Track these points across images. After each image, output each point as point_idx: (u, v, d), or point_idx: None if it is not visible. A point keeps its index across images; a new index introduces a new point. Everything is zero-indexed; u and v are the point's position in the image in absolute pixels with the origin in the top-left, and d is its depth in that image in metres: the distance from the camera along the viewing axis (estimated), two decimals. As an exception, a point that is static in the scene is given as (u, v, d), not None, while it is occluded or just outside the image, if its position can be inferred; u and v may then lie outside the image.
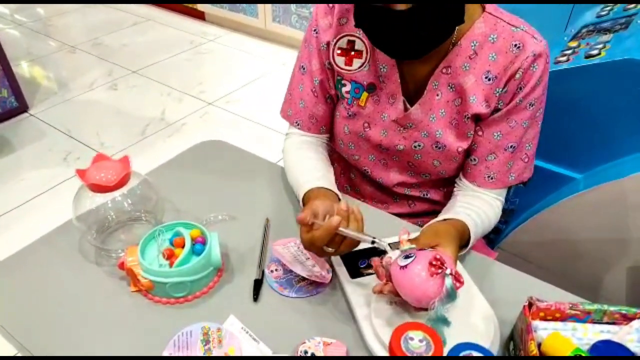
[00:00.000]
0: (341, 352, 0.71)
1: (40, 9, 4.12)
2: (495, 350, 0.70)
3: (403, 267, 0.66)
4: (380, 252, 0.80)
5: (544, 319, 0.68)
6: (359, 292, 0.77)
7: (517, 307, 0.73)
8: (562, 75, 1.14)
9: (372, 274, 0.80)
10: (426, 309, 0.66)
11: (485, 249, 1.17)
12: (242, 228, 0.92)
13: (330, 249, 0.74)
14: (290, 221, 0.94)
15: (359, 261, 0.83)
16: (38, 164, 2.36)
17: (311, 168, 0.93)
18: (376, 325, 0.71)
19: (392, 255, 0.70)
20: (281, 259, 0.80)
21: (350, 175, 1.08)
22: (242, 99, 2.86)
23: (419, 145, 0.92)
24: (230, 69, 3.21)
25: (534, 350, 0.61)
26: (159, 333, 0.73)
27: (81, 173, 0.79)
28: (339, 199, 0.88)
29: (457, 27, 0.81)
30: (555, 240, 1.30)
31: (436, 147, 0.91)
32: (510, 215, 1.35)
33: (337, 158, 1.08)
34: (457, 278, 0.64)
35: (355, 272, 0.81)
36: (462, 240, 0.81)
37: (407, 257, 0.67)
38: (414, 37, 0.74)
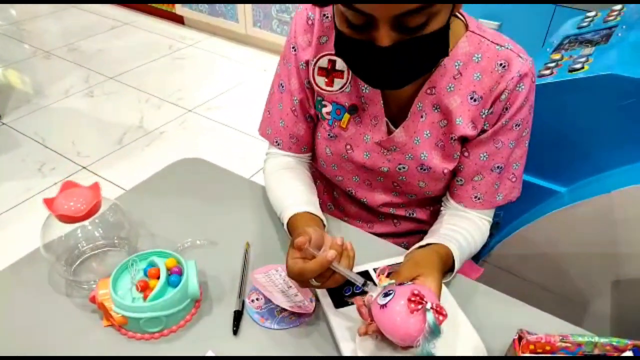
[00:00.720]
0: (325, 389, 0.68)
1: (13, 10, 4.00)
2: (484, 384, 0.67)
3: (383, 306, 0.64)
4: (367, 278, 0.77)
5: (534, 351, 0.65)
6: (344, 325, 0.74)
7: (505, 332, 0.72)
8: (547, 90, 1.13)
9: (356, 303, 0.78)
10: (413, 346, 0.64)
11: (471, 265, 1.16)
12: (222, 253, 0.88)
13: (316, 283, 0.71)
14: (272, 245, 0.90)
15: (344, 289, 0.80)
16: (11, 175, 2.28)
17: (295, 191, 0.90)
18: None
19: (374, 293, 0.68)
20: (261, 289, 0.77)
21: (334, 194, 1.05)
22: (222, 106, 2.82)
23: (404, 168, 0.89)
24: (210, 74, 3.16)
25: (525, 389, 0.59)
26: (133, 371, 0.69)
27: (49, 202, 0.75)
28: (324, 225, 0.85)
29: None
30: (540, 254, 1.29)
31: (421, 169, 0.88)
32: (495, 228, 1.34)
33: (319, 176, 1.05)
34: (439, 311, 0.61)
35: (339, 301, 0.78)
36: (446, 266, 0.78)
37: (386, 294, 0.65)
38: (397, 71, 0.72)
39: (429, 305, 0.61)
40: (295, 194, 0.89)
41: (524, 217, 1.30)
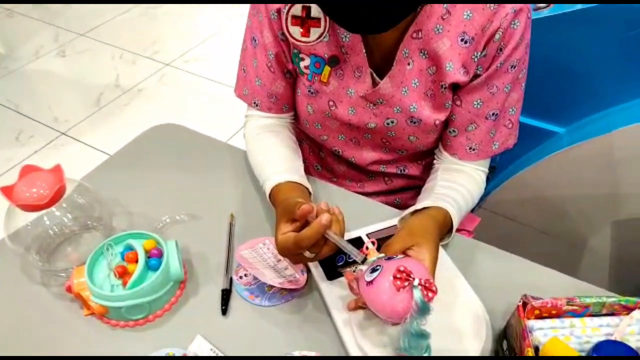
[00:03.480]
0: (322, 366, 0.65)
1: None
2: (487, 351, 0.64)
3: (369, 283, 0.59)
4: (359, 244, 0.73)
5: (540, 316, 0.62)
6: (337, 296, 0.70)
7: (508, 293, 0.69)
8: (543, 24, 1.04)
9: (350, 272, 0.73)
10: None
11: (467, 215, 1.11)
12: (205, 227, 0.83)
13: (311, 254, 0.66)
14: (259, 215, 0.85)
15: (336, 258, 0.75)
16: (-14, 146, 2.19)
17: (277, 157, 0.84)
18: (358, 335, 0.65)
19: (364, 267, 0.63)
20: (248, 267, 0.72)
21: (320, 155, 0.99)
22: (201, 57, 2.68)
23: (392, 122, 0.82)
24: (186, 24, 2.99)
25: None
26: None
27: (7, 191, 0.68)
28: (310, 194, 0.79)
29: None
30: (538, 198, 1.25)
31: (411, 122, 0.82)
32: (491, 172, 1.29)
33: (304, 136, 0.98)
34: (428, 287, 0.57)
35: (332, 272, 0.74)
36: (444, 230, 0.73)
37: (373, 270, 0.60)
38: (378, 12, 0.63)
39: (416, 282, 0.56)
40: (277, 161, 0.83)
41: (521, 160, 1.25)
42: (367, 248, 0.65)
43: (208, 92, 2.45)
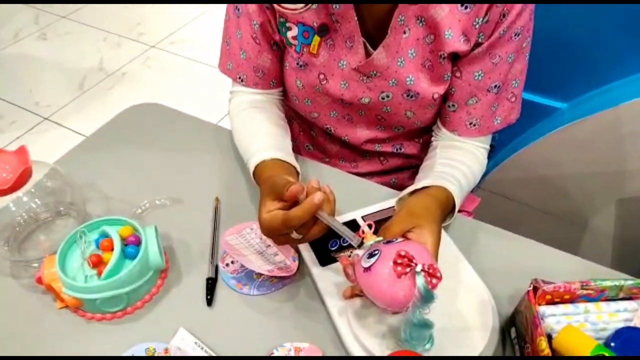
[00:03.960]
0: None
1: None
2: (495, 339, 0.60)
3: (367, 269, 0.54)
4: (354, 227, 0.67)
5: (551, 302, 0.57)
6: (331, 283, 0.65)
7: (515, 277, 0.64)
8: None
9: (345, 258, 0.68)
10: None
11: (467, 196, 1.06)
12: (188, 212, 0.77)
13: (298, 235, 0.61)
14: (245, 199, 0.79)
15: (330, 242, 0.70)
16: (-34, 133, 2.11)
17: (263, 134, 0.78)
18: (354, 325, 0.60)
19: (360, 252, 0.58)
20: (234, 254, 0.66)
21: (312, 134, 0.93)
22: (187, 39, 2.59)
23: (387, 96, 0.77)
24: (171, 4, 2.89)
25: (545, 350, 0.51)
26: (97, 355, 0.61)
27: (-35, 175, 0.62)
28: (298, 173, 0.73)
29: None
30: (539, 177, 1.20)
31: (408, 96, 0.76)
32: (490, 151, 1.24)
33: (294, 114, 0.92)
34: (432, 273, 0.51)
35: (325, 257, 0.68)
36: (446, 211, 0.68)
37: (371, 255, 0.55)
38: None
39: (419, 268, 0.51)
40: (263, 137, 0.77)
41: (521, 138, 1.20)
42: (363, 231, 0.59)
43: (195, 75, 2.37)
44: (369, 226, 0.59)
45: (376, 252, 0.54)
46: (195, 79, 2.34)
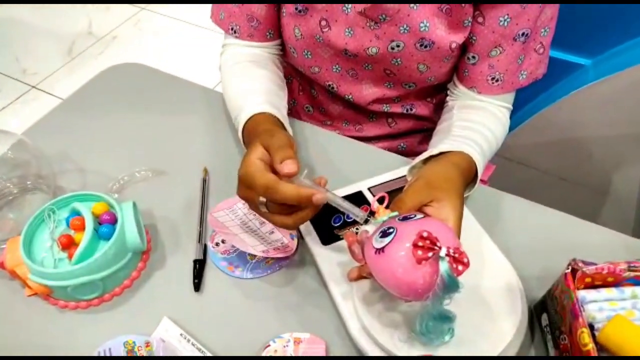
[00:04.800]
0: (319, 351, 0.53)
1: None
2: (523, 329, 0.52)
3: (379, 251, 0.45)
4: (360, 200, 0.59)
5: (591, 284, 0.49)
6: (335, 264, 0.57)
7: (542, 255, 0.58)
8: None
9: (350, 235, 0.60)
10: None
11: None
12: (173, 186, 0.69)
13: (264, 209, 0.52)
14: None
15: (333, 218, 0.62)
16: (-50, 103, 2.01)
17: (259, 90, 0.68)
18: (362, 312, 0.52)
19: (370, 227, 0.49)
20: (223, 233, 0.58)
21: (312, 92, 0.83)
22: (180, -1, 2.46)
23: (398, 46, 0.67)
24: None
25: (588, 345, 0.43)
26: (70, 351, 0.54)
27: None
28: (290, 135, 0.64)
29: None
30: (559, 140, 1.11)
31: (421, 45, 0.66)
32: (505, 114, 1.15)
33: (293, 71, 0.83)
34: (458, 259, 0.43)
35: (328, 235, 0.60)
36: (467, 179, 0.59)
37: (384, 234, 0.46)
38: None
39: (443, 252, 0.42)
40: (259, 93, 0.67)
41: (541, 98, 1.10)
42: (371, 206, 0.50)
43: (189, 37, 2.25)
44: (381, 200, 0.50)
45: (391, 230, 0.46)
46: (189, 41, 2.22)
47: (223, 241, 0.62)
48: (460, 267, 0.42)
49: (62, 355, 0.53)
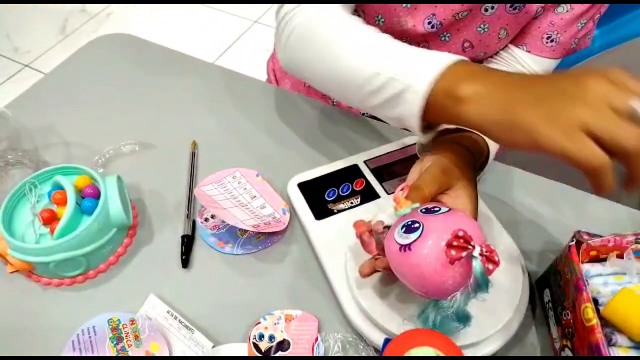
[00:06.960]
0: (311, 328, 0.51)
1: None
2: (524, 305, 0.50)
3: (405, 248, 0.41)
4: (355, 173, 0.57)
5: (596, 258, 0.47)
6: (329, 239, 0.55)
7: (542, 228, 0.56)
8: None
9: (345, 209, 0.58)
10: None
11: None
12: (160, 159, 0.66)
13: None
14: (226, 142, 0.68)
15: (327, 192, 0.59)
16: (-61, 82, 1.97)
17: (397, 44, 0.51)
18: (356, 290, 0.50)
19: (384, 217, 0.46)
20: (211, 207, 0.56)
21: None
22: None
23: (492, 7, 0.62)
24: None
25: (592, 320, 0.40)
26: (52, 329, 0.52)
27: None
28: None
29: None
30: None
31: (512, 7, 0.62)
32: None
33: None
34: (489, 257, 0.39)
35: (322, 209, 0.58)
36: (479, 159, 0.56)
37: (409, 229, 0.42)
38: None
39: (476, 251, 0.39)
40: (404, 47, 0.51)
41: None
42: (399, 193, 0.46)
43: (189, 12, 2.20)
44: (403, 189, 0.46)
45: (417, 225, 0.42)
46: (189, 16, 2.17)
47: (212, 216, 0.60)
48: (490, 267, 0.39)
49: (45, 333, 0.51)
